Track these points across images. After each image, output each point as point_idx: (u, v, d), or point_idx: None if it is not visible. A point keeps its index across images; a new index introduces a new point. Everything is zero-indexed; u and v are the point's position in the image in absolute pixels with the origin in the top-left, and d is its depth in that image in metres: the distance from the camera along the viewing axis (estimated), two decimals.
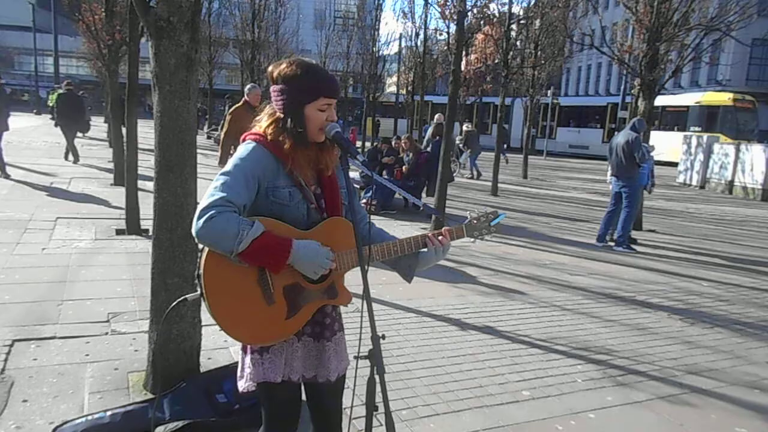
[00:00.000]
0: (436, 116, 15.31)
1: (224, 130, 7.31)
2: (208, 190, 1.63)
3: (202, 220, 1.56)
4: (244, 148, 1.73)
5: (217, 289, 1.65)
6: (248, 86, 7.42)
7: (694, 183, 18.17)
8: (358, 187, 9.67)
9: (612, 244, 7.96)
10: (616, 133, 8.66)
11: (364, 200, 9.50)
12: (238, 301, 1.66)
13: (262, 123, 1.78)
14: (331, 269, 1.74)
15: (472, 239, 2.01)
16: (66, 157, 13.39)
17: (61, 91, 13.90)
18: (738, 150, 16.34)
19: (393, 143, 11.30)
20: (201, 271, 1.65)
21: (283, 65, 1.75)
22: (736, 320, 5.10)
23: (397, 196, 10.14)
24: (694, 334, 4.65)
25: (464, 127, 18.03)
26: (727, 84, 30.38)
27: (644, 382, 3.70)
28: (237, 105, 7.32)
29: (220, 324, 1.66)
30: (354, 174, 10.42)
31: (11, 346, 3.57)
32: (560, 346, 4.21)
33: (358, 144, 23.03)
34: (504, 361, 3.88)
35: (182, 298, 1.93)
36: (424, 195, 10.46)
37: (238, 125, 6.69)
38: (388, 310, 4.69)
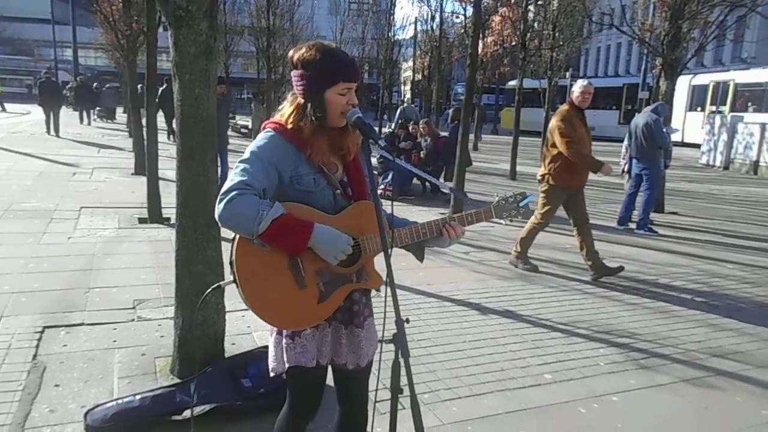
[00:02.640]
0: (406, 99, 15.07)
1: (554, 141, 5.49)
2: (228, 177, 1.66)
3: (222, 203, 1.59)
4: (262, 136, 1.75)
5: (249, 275, 1.66)
6: (579, 83, 5.54)
7: (717, 164, 17.78)
8: (375, 173, 9.67)
9: (633, 226, 7.87)
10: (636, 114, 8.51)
11: (382, 186, 9.51)
12: (270, 287, 1.68)
13: (284, 110, 1.78)
14: (362, 252, 1.76)
15: (501, 221, 2.03)
16: (48, 132, 16.99)
17: (42, 79, 18.42)
18: (764, 129, 15.92)
19: (410, 128, 11.24)
20: (233, 257, 1.66)
21: (303, 49, 1.74)
22: (762, 303, 5.02)
23: (415, 181, 10.12)
24: (718, 317, 4.59)
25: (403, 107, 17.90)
26: (752, 62, 29.56)
27: (668, 365, 3.67)
28: (563, 107, 5.58)
29: (254, 309, 1.68)
30: (371, 160, 10.41)
31: (42, 332, 3.67)
32: (582, 330, 4.19)
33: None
34: (525, 345, 3.88)
35: (216, 285, 1.96)
36: (441, 180, 10.42)
37: (577, 133, 5.35)
38: (409, 295, 4.71)
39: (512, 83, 30.59)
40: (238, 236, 1.66)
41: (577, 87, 5.51)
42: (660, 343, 4.01)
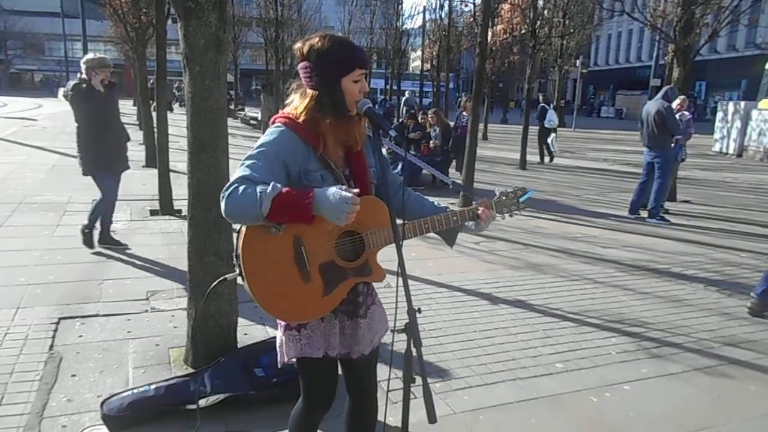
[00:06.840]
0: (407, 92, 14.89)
1: None
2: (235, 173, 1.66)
3: (224, 199, 1.59)
4: (271, 131, 1.73)
5: (255, 268, 1.67)
6: None
7: (730, 151, 17.57)
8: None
9: (645, 215, 7.81)
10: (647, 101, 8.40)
11: None
12: (275, 280, 1.69)
13: (296, 104, 1.77)
14: (366, 248, 1.76)
15: (501, 216, 2.01)
16: None
17: None
18: None
19: (419, 118, 11.20)
20: (239, 251, 1.67)
21: (314, 40, 1.73)
22: None
23: (425, 172, 10.10)
24: (731, 306, 4.56)
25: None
26: (766, 47, 29.10)
27: (680, 354, 3.66)
28: None
29: (259, 302, 1.68)
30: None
31: (58, 323, 3.72)
32: (593, 319, 4.18)
33: None
34: (536, 334, 3.88)
35: (222, 278, 1.97)
36: (452, 170, 10.40)
37: None
38: (419, 285, 4.72)
39: None
40: (244, 229, 1.66)
41: None
42: (672, 332, 3.99)
